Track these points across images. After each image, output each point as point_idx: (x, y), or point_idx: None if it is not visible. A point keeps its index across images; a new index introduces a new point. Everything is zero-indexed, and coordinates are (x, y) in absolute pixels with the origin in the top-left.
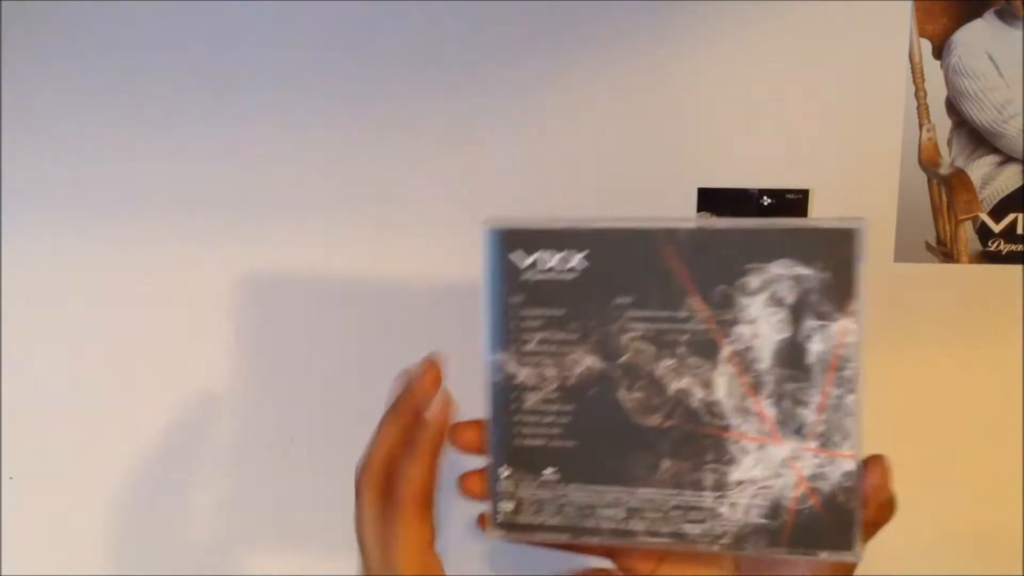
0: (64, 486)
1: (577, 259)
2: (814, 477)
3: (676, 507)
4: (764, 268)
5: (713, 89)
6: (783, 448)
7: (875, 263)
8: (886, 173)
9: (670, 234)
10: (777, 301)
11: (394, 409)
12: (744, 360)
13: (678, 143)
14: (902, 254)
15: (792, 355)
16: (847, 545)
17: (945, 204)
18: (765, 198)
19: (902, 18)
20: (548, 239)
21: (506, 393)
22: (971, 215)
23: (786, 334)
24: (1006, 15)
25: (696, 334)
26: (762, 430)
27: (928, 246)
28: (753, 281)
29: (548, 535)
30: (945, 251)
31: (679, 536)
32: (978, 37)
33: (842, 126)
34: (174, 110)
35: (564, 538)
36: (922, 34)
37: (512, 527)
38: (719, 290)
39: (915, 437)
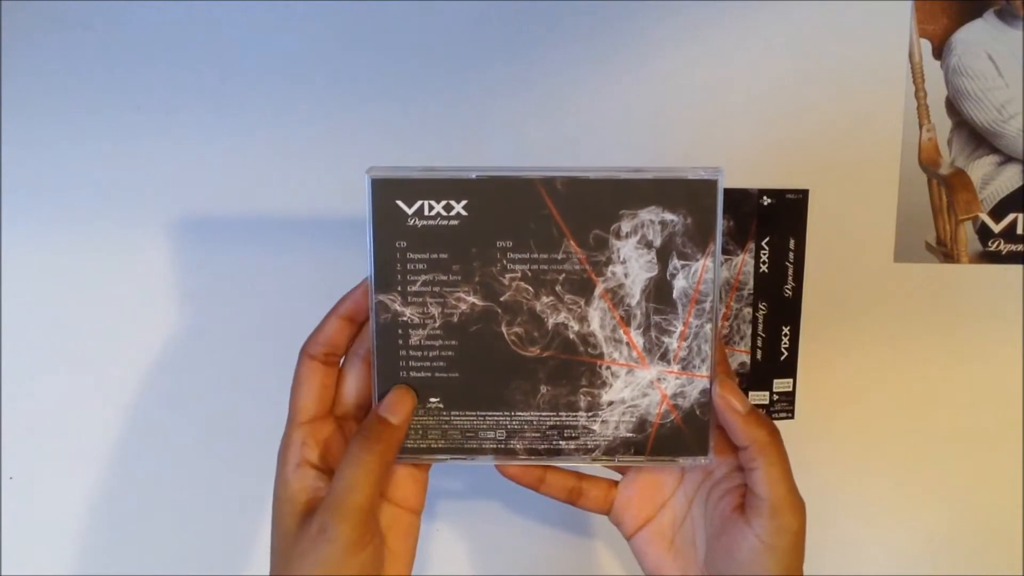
0: (64, 486)
1: (459, 207)
2: (676, 395)
3: (552, 427)
4: (635, 214)
5: (712, 89)
6: (650, 372)
7: (875, 263)
8: (886, 173)
9: (548, 182)
10: (646, 243)
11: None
12: (616, 296)
13: (677, 143)
14: (902, 254)
15: (659, 291)
16: (703, 451)
17: (945, 204)
18: (765, 198)
19: (902, 18)
20: (431, 188)
21: (392, 330)
22: (971, 215)
23: (653, 273)
24: (1006, 15)
25: (572, 274)
26: (631, 357)
27: (928, 246)
28: (625, 226)
29: (433, 457)
30: (945, 251)
31: (555, 452)
32: (978, 37)
33: (842, 126)
34: (175, 109)
35: (448, 459)
36: (922, 34)
37: (399, 451)
38: (593, 234)
39: (915, 437)
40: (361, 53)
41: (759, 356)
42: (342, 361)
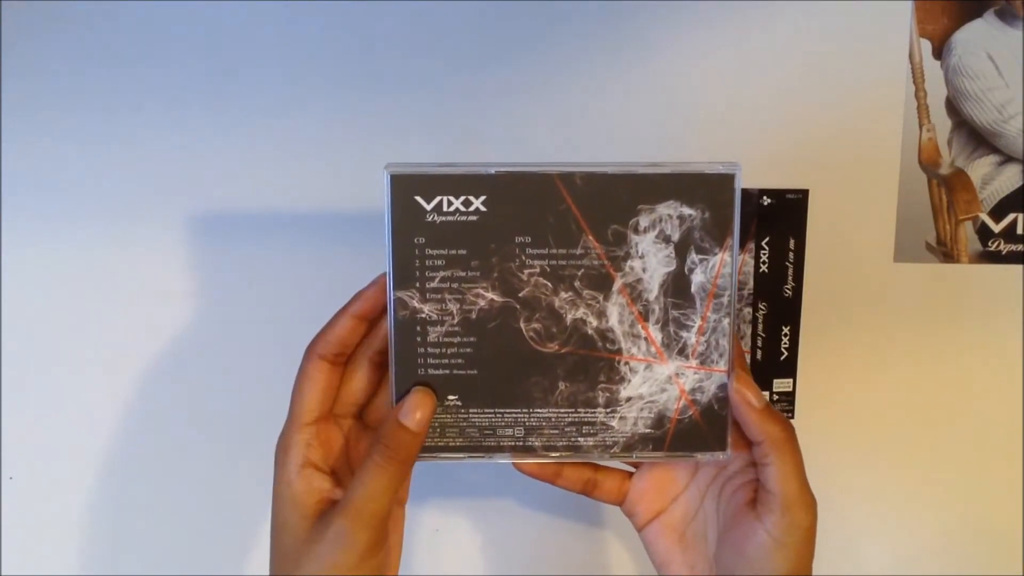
0: (64, 486)
1: (478, 202)
2: (694, 390)
3: (571, 423)
4: (653, 209)
5: (712, 89)
6: (668, 367)
7: (875, 263)
8: (886, 173)
9: (566, 177)
10: (664, 238)
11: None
12: (634, 291)
13: (677, 143)
14: (902, 254)
15: (677, 286)
16: (720, 446)
17: (945, 204)
18: (765, 198)
19: (902, 18)
20: (449, 184)
21: (410, 328)
22: (971, 215)
23: (672, 267)
24: (1006, 15)
25: (591, 269)
26: (650, 352)
27: (928, 246)
28: (643, 220)
29: (451, 455)
30: (945, 251)
31: (574, 448)
32: (978, 37)
33: (842, 126)
34: (175, 109)
35: (466, 457)
36: (922, 34)
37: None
38: (612, 229)
39: (915, 437)
40: (364, 52)
41: (759, 356)
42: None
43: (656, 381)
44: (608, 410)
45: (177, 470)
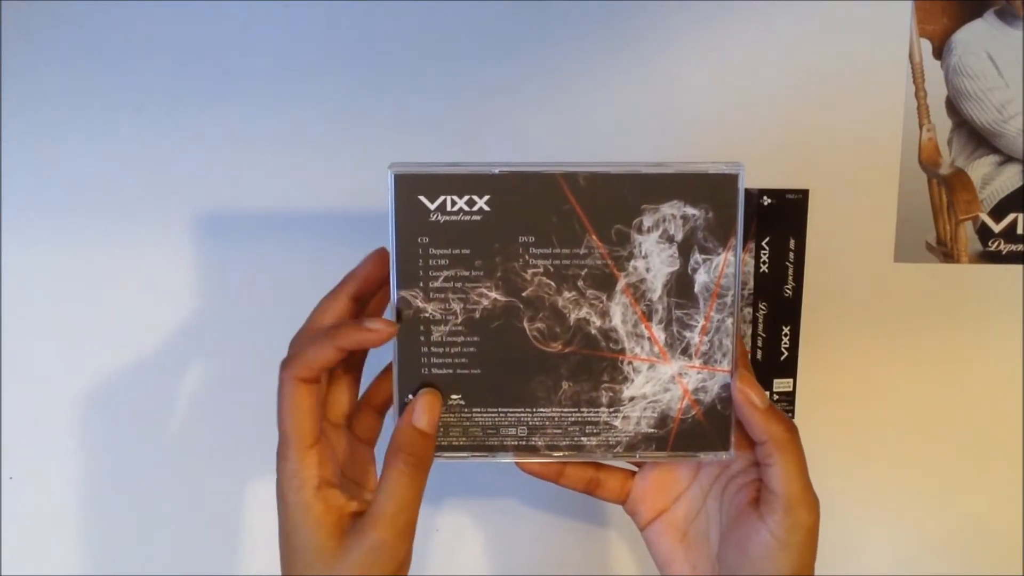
0: (64, 486)
1: (482, 202)
2: (697, 390)
3: (574, 423)
4: (656, 208)
5: (712, 89)
6: (671, 367)
7: (875, 263)
8: (886, 173)
9: (570, 177)
10: (668, 238)
11: (331, 291)
12: (638, 291)
13: (677, 143)
14: (902, 254)
15: (680, 285)
16: (724, 446)
17: (945, 204)
18: (765, 198)
19: (902, 18)
20: (453, 183)
21: (414, 327)
22: (971, 215)
23: (675, 267)
24: (1006, 15)
25: (594, 269)
26: (653, 352)
27: (928, 246)
28: (646, 220)
29: (455, 454)
30: (945, 251)
31: (577, 448)
32: (978, 37)
33: (842, 126)
34: (175, 110)
35: (469, 456)
36: (922, 34)
37: None
38: (615, 228)
39: (915, 437)
40: (365, 52)
41: (759, 356)
42: None
43: (659, 381)
44: (611, 410)
45: (178, 470)
